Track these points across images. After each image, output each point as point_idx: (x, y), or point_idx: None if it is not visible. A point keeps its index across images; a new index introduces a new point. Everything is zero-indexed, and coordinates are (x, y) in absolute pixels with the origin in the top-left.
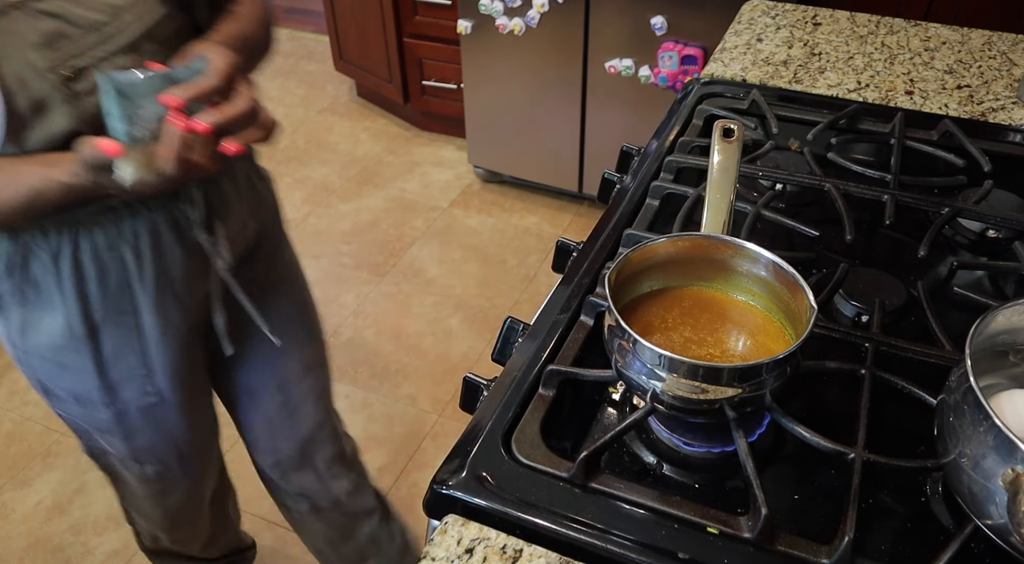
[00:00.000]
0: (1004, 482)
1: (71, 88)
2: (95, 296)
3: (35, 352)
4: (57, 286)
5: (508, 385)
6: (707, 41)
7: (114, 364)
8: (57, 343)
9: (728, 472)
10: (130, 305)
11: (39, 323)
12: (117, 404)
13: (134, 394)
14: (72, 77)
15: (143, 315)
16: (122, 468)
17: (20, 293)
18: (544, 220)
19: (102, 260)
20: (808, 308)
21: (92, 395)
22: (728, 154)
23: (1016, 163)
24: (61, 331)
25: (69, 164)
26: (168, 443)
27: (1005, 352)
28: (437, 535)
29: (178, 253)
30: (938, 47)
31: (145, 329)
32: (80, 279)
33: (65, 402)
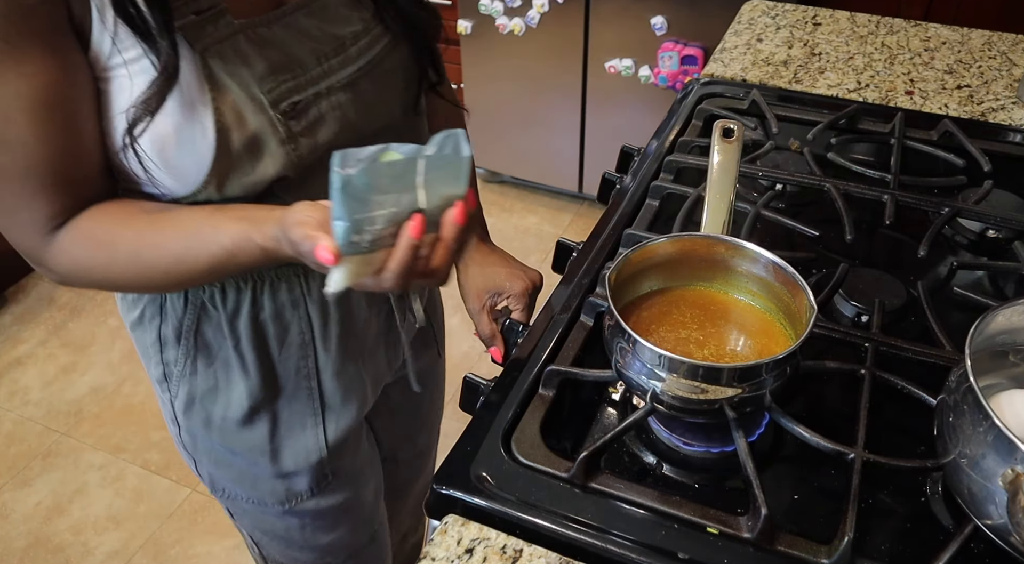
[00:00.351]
0: (1004, 482)
1: (289, 128)
2: (276, 358)
3: (202, 433)
4: (235, 351)
5: (508, 385)
6: (707, 41)
7: (290, 445)
8: (231, 418)
9: (728, 472)
10: (312, 368)
11: (211, 396)
12: (291, 500)
13: (307, 483)
14: (291, 114)
15: (325, 380)
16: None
17: (191, 362)
18: (544, 220)
19: (284, 319)
20: (808, 308)
21: (264, 487)
22: (728, 154)
23: (1016, 163)
24: (238, 403)
25: (272, 229)
26: (354, 529)
27: (1005, 352)
28: (437, 535)
29: (364, 310)
30: (938, 47)
31: (326, 396)
32: (261, 341)
33: (236, 501)
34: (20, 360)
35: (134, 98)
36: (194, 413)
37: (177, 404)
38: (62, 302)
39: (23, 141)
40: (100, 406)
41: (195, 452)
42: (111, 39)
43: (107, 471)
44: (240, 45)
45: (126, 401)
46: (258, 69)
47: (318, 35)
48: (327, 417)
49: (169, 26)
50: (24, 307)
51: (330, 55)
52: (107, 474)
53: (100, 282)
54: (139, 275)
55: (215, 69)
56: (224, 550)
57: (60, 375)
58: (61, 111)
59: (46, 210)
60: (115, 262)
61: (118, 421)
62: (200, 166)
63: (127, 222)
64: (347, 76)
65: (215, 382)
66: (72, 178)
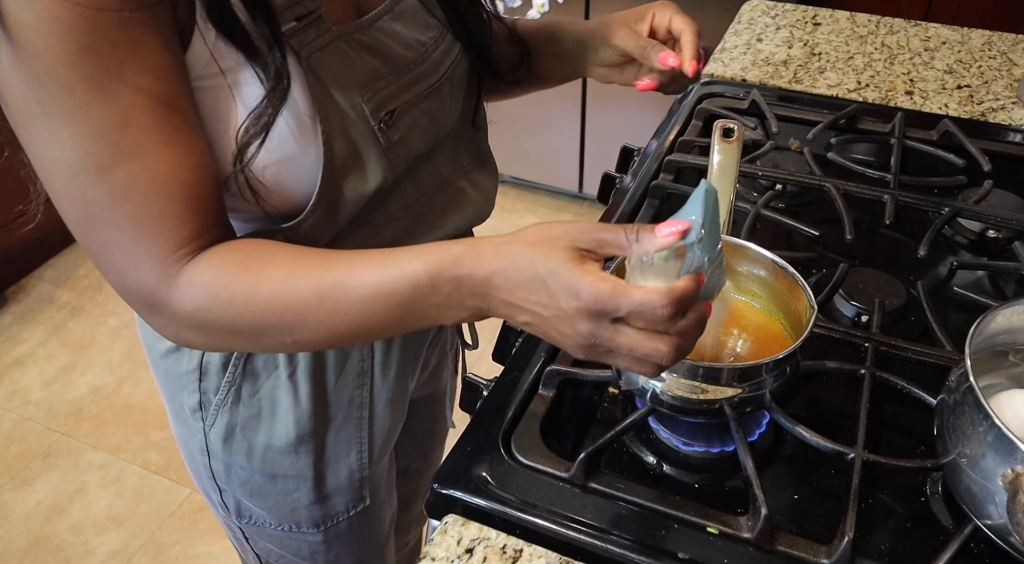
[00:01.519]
0: (1004, 482)
1: (389, 137)
2: (331, 388)
3: (239, 463)
4: (290, 380)
5: (508, 385)
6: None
7: (333, 469)
8: (274, 447)
9: (728, 472)
10: (366, 398)
11: (254, 425)
12: (327, 522)
13: (344, 505)
14: (389, 123)
15: (377, 408)
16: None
17: (234, 391)
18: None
19: (346, 347)
20: (808, 308)
21: (300, 513)
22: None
23: (1016, 163)
24: (284, 432)
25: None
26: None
27: (1005, 352)
28: (437, 535)
29: (424, 333)
30: (938, 47)
31: (376, 424)
32: (319, 369)
33: (262, 528)
34: (20, 360)
35: (239, 114)
36: (235, 443)
37: (213, 434)
38: (62, 302)
39: (145, 147)
40: (100, 406)
41: (227, 483)
42: (209, 46)
43: (107, 471)
44: (340, 52)
45: (126, 401)
46: (357, 77)
47: (407, 40)
48: (374, 441)
49: (278, 35)
50: (24, 307)
51: (419, 62)
52: (107, 474)
53: (235, 325)
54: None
55: (321, 77)
56: (224, 550)
57: (60, 375)
58: (181, 114)
59: (174, 234)
60: (260, 292)
61: (118, 421)
62: (310, 184)
63: (286, 249)
64: (433, 82)
65: (259, 410)
66: (201, 193)
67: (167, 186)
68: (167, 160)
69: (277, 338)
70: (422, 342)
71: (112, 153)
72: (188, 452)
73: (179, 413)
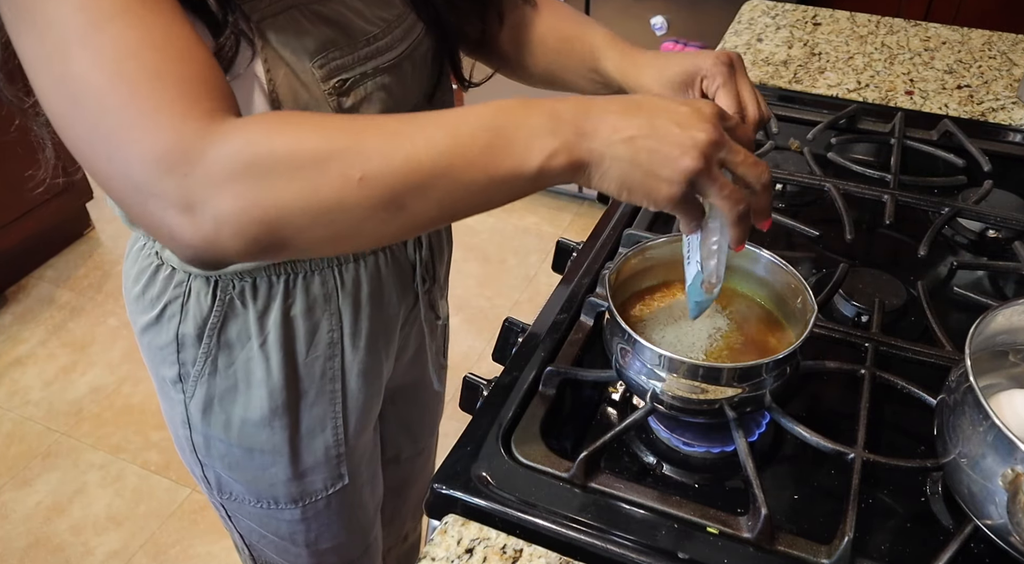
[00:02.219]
0: (1004, 482)
1: (340, 103)
2: (302, 359)
3: (218, 435)
4: (261, 350)
5: (508, 385)
6: (707, 41)
7: (309, 444)
8: (250, 420)
9: (728, 472)
10: (337, 370)
11: (230, 397)
12: (304, 499)
13: (322, 483)
14: (341, 91)
15: (349, 381)
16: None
17: (210, 362)
18: (544, 220)
19: (315, 316)
20: (808, 308)
21: (278, 489)
22: None
23: (1016, 163)
24: (259, 404)
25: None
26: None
27: (1005, 352)
28: (437, 535)
29: (395, 305)
30: (938, 47)
31: (349, 398)
32: (289, 340)
33: (242, 504)
34: (20, 360)
35: None
36: (213, 415)
37: (193, 406)
38: (62, 302)
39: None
40: (100, 406)
41: (206, 456)
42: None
43: (107, 471)
44: (294, 19)
45: (126, 401)
46: (310, 45)
47: (368, 16)
48: (348, 416)
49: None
50: (24, 307)
51: (378, 36)
52: (107, 474)
53: (295, 152)
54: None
55: (270, 41)
56: (224, 550)
57: (60, 375)
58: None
59: (189, 89)
60: (328, 118)
61: (118, 421)
62: None
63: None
64: (392, 58)
65: (235, 382)
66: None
67: (159, 47)
68: (155, 25)
69: (345, 169)
70: (394, 318)
71: (95, 17)
72: (172, 426)
73: (163, 387)
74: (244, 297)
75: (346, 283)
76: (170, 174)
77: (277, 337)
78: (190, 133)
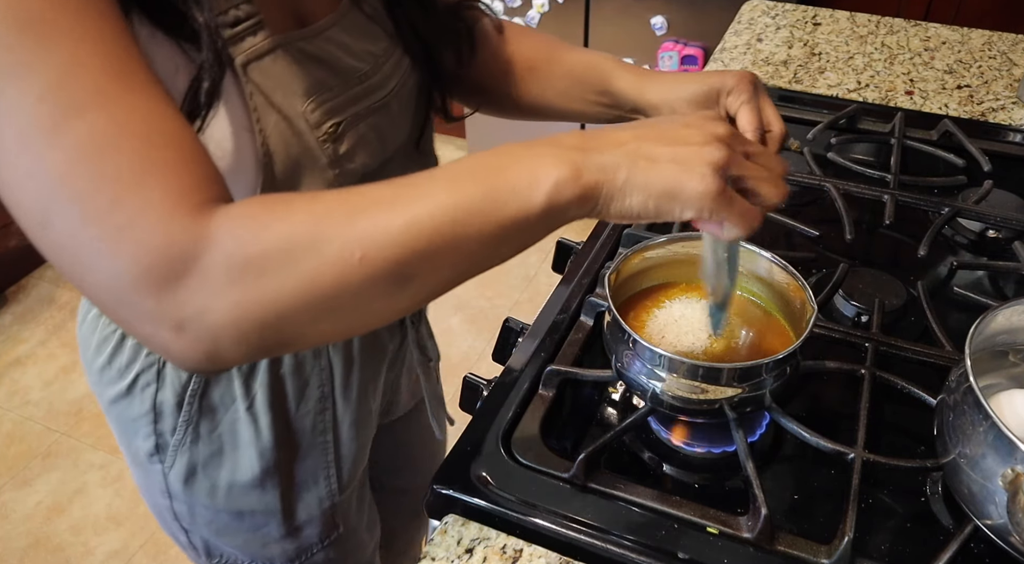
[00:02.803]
0: (1004, 482)
1: (335, 151)
2: (292, 415)
3: (203, 502)
4: (248, 413)
5: (508, 385)
6: (707, 41)
7: (302, 499)
8: (239, 483)
9: (728, 472)
10: (328, 422)
11: (215, 462)
12: (301, 556)
13: (317, 536)
14: (334, 137)
15: (342, 432)
16: None
17: (192, 429)
18: None
19: (304, 372)
20: (808, 308)
21: (272, 549)
22: None
23: (1016, 163)
24: (248, 466)
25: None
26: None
27: (1005, 352)
28: (437, 535)
29: (385, 354)
30: (938, 47)
31: (341, 448)
32: (278, 399)
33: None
34: (20, 360)
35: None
36: (197, 483)
37: (173, 476)
38: (62, 302)
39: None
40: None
41: (191, 524)
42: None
43: (107, 471)
44: (280, 61)
45: None
46: (300, 86)
47: (357, 52)
48: (341, 466)
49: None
50: (24, 307)
51: (369, 74)
52: (107, 474)
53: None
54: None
55: (259, 86)
56: None
57: (60, 375)
58: (139, 65)
59: (174, 180)
60: (321, 196)
61: None
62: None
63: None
64: (382, 97)
65: (219, 446)
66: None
67: (140, 135)
68: (133, 108)
69: (342, 251)
70: (381, 360)
71: (63, 107)
72: (149, 496)
73: (136, 457)
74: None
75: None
76: (160, 291)
77: (265, 397)
78: (179, 237)
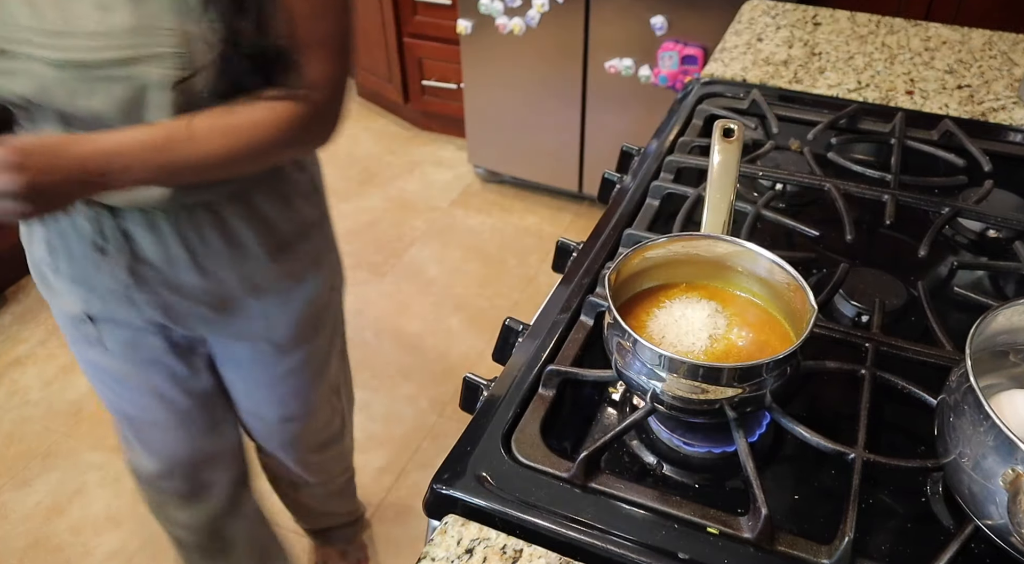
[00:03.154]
0: (1004, 482)
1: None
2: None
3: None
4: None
5: (508, 385)
6: (707, 41)
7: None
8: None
9: (728, 472)
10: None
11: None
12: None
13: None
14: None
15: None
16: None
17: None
18: (544, 220)
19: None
20: (808, 308)
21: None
22: (728, 154)
23: (1016, 163)
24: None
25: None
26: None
27: (1005, 352)
28: (437, 535)
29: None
30: (938, 47)
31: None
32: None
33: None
34: (20, 360)
35: None
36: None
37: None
38: None
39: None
40: (99, 406)
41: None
42: None
43: (107, 471)
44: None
45: None
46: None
47: (45, 9)
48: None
49: None
50: (24, 307)
51: (50, 33)
52: (107, 474)
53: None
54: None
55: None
56: None
57: (60, 375)
58: None
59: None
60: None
61: None
62: None
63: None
64: (61, 60)
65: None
66: None
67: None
68: None
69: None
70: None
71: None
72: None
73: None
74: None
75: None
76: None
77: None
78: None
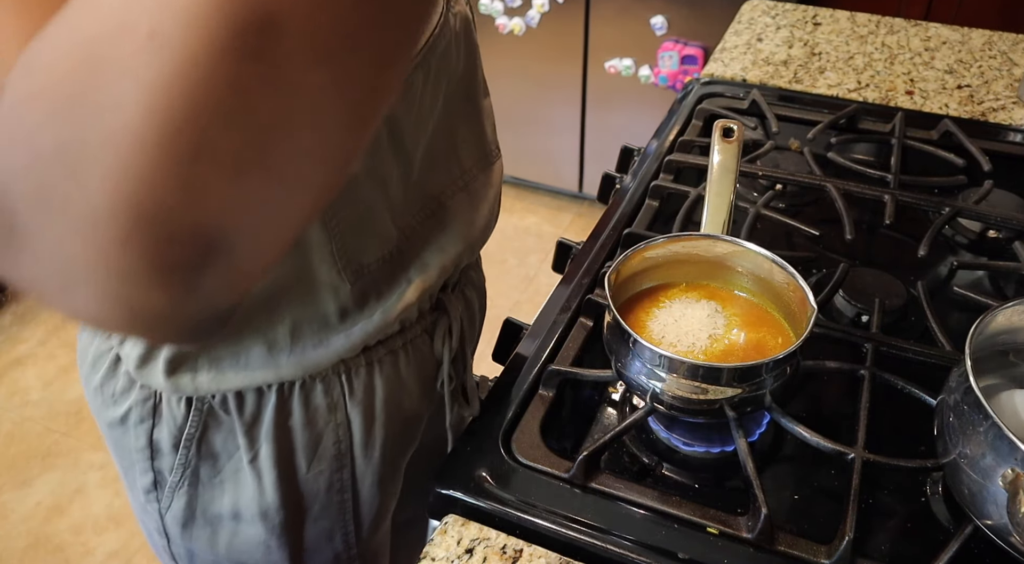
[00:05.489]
0: (1004, 482)
1: None
2: (303, 477)
3: (203, 548)
4: (251, 466)
5: (508, 385)
6: (707, 41)
7: (314, 558)
8: (240, 540)
9: (728, 472)
10: (347, 480)
11: (216, 513)
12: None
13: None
14: None
15: (362, 491)
16: None
17: (191, 473)
18: (544, 220)
19: (317, 427)
20: (808, 308)
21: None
22: (728, 154)
23: (1016, 163)
24: (251, 527)
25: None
26: None
27: (1005, 352)
28: (437, 535)
29: (415, 409)
30: (938, 47)
31: (361, 506)
32: (284, 455)
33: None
34: (20, 360)
35: None
36: (196, 529)
37: (170, 517)
38: None
39: None
40: None
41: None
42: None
43: (107, 471)
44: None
45: None
46: None
47: None
48: (361, 522)
49: None
50: (24, 307)
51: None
52: (107, 474)
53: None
54: None
55: None
56: None
57: (60, 375)
58: None
59: None
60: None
61: None
62: None
63: None
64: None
65: (222, 494)
66: None
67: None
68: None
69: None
70: (415, 419)
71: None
72: (146, 530)
73: (132, 488)
74: (227, 406)
75: (356, 391)
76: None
77: (270, 452)
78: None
